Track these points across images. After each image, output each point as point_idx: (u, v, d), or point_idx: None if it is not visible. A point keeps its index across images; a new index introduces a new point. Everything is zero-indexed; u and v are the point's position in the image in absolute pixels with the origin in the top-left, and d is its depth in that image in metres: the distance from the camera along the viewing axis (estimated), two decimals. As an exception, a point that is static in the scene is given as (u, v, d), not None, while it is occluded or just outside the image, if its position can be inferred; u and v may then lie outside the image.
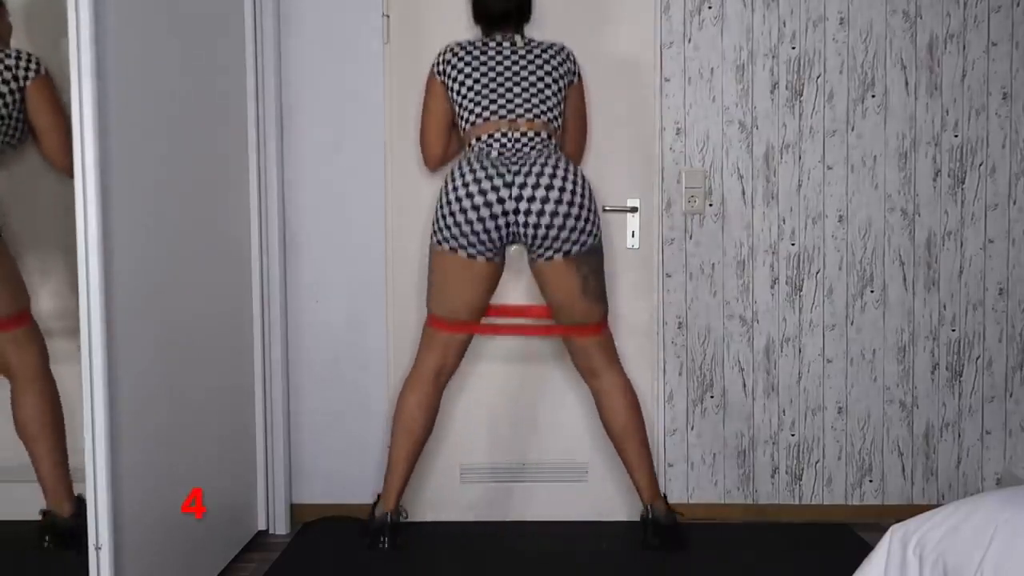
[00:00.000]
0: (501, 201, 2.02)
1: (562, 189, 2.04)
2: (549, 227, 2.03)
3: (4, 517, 2.42)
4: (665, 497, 2.19)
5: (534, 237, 2.06)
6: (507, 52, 2.19)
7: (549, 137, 2.15)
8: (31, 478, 2.11)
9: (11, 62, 1.97)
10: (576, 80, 2.27)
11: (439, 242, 2.13)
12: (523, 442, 2.62)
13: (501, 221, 2.04)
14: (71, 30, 1.58)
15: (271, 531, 2.53)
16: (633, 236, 2.58)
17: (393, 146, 2.57)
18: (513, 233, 2.07)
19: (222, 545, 2.25)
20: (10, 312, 2.00)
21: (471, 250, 2.08)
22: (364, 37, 2.56)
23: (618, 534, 2.43)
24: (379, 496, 2.33)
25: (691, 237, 2.60)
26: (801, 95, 2.59)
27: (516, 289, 2.50)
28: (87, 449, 1.64)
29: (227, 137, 2.30)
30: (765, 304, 2.62)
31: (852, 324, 2.63)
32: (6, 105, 1.96)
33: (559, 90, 2.18)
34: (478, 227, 2.04)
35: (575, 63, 2.26)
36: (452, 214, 2.07)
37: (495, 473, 2.62)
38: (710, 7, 2.57)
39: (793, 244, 2.61)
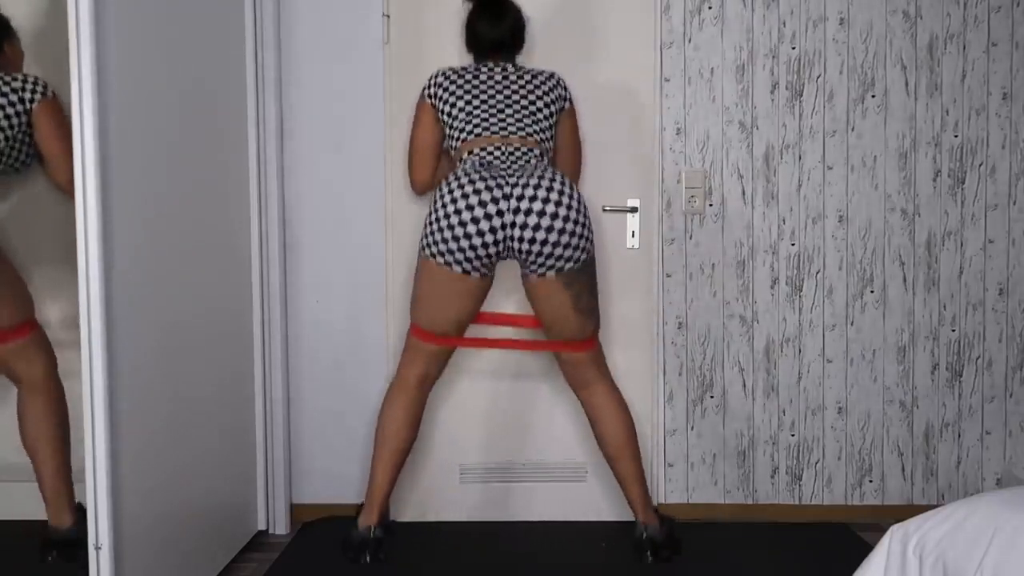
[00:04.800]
0: (500, 214, 1.97)
1: (558, 203, 1.99)
2: (544, 243, 1.99)
3: (4, 517, 2.42)
4: (656, 509, 2.14)
5: (528, 253, 2.02)
6: (499, 76, 2.18)
7: (542, 155, 2.12)
8: (31, 478, 2.12)
9: (18, 84, 1.97)
10: (568, 106, 2.25)
11: (431, 255, 2.06)
12: (522, 442, 2.62)
13: (500, 235, 1.99)
14: (71, 30, 1.58)
15: (271, 531, 2.53)
16: (633, 236, 2.58)
17: (393, 146, 2.57)
18: (508, 248, 2.03)
19: (222, 545, 2.25)
20: (13, 323, 1.98)
21: (465, 265, 2.02)
22: (364, 37, 2.56)
23: (617, 534, 2.43)
24: (360, 507, 2.27)
25: (691, 237, 2.60)
26: (801, 95, 2.59)
27: (507, 300, 2.48)
28: (87, 449, 1.65)
29: (227, 138, 2.30)
30: (765, 304, 2.62)
31: (852, 324, 2.63)
32: (12, 127, 1.95)
33: (551, 114, 2.17)
34: (476, 241, 1.98)
35: (567, 90, 2.25)
36: (448, 228, 2.00)
37: (494, 473, 2.62)
38: (710, 7, 2.57)
39: (793, 244, 2.61)
